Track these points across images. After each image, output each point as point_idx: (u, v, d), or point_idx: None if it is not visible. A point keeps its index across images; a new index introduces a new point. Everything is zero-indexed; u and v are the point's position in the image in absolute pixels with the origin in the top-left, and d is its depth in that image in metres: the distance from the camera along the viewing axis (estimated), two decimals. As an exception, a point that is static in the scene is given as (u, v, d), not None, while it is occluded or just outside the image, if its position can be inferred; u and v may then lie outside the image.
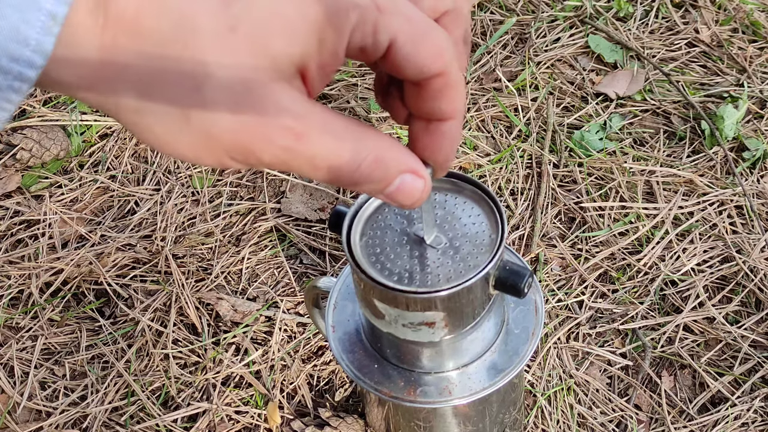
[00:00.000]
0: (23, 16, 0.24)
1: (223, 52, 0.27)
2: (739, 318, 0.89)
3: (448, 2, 0.33)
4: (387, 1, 0.29)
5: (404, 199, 0.33)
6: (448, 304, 0.49)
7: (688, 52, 1.19)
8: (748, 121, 1.08)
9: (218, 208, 1.04)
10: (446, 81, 0.31)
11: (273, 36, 0.27)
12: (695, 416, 0.82)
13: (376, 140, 0.31)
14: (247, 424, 0.84)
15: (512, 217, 0.99)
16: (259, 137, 0.28)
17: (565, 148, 1.06)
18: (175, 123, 0.28)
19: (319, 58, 0.28)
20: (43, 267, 0.99)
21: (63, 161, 1.13)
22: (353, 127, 0.30)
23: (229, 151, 0.29)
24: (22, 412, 0.87)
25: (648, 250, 0.95)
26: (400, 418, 0.68)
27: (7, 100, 0.25)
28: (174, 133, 0.28)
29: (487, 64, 1.20)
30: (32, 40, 0.24)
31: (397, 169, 0.32)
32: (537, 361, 0.86)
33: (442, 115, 0.33)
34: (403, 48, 0.29)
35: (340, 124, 0.30)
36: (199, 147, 0.28)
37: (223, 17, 0.27)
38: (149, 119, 0.28)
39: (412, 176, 0.32)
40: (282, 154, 0.29)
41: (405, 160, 0.32)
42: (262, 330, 0.90)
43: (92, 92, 0.27)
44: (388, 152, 0.31)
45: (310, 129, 0.29)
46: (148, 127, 0.28)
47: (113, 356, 0.90)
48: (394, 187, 0.32)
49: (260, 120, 0.28)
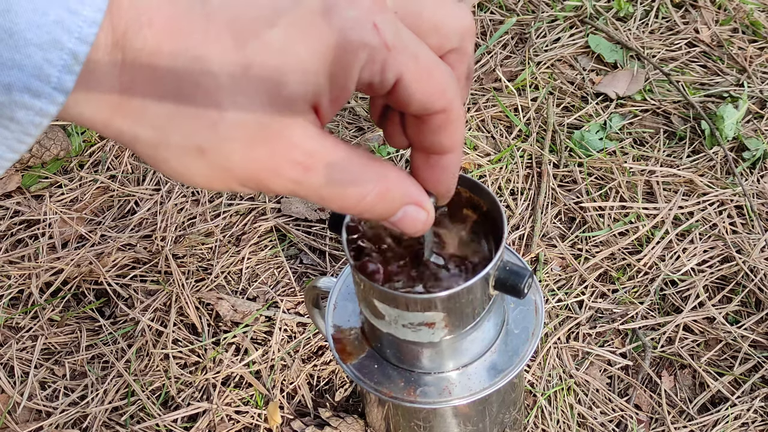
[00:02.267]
0: (46, 55, 0.25)
1: (238, 92, 0.28)
2: (739, 318, 0.89)
3: (455, 41, 0.34)
4: (395, 38, 0.29)
5: (407, 229, 0.34)
6: (447, 304, 0.49)
7: (688, 52, 1.19)
8: (748, 121, 1.08)
9: (218, 208, 1.04)
10: (448, 117, 0.32)
11: (286, 76, 0.28)
12: (695, 416, 0.82)
13: (382, 172, 0.32)
14: (247, 424, 0.84)
15: (512, 217, 0.99)
16: (271, 170, 0.29)
17: (565, 148, 1.06)
18: (190, 157, 0.29)
19: (330, 95, 0.30)
20: (43, 267, 0.99)
21: (63, 161, 1.13)
22: (361, 159, 0.31)
23: (241, 182, 0.30)
24: (22, 412, 0.87)
25: (648, 250, 0.94)
26: (400, 418, 0.68)
27: (27, 134, 0.26)
28: (189, 165, 0.29)
29: (487, 64, 1.20)
30: (54, 78, 0.25)
31: (401, 201, 0.33)
32: (537, 361, 0.86)
33: (442, 149, 0.34)
34: (409, 86, 0.31)
35: (348, 157, 0.31)
36: (213, 177, 0.30)
37: (237, 58, 0.28)
38: (165, 153, 0.29)
39: (416, 208, 0.34)
40: (291, 186, 0.30)
41: (409, 192, 0.34)
42: (262, 330, 0.90)
43: (110, 127, 0.28)
44: (393, 185, 0.33)
45: (319, 163, 0.30)
46: (163, 159, 0.29)
47: (113, 356, 0.90)
48: (397, 218, 0.34)
49: (272, 155, 0.29)
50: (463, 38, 0.34)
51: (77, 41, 0.25)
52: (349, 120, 1.14)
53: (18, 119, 0.26)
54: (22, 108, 0.26)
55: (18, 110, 0.26)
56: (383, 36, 0.29)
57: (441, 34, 0.33)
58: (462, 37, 0.34)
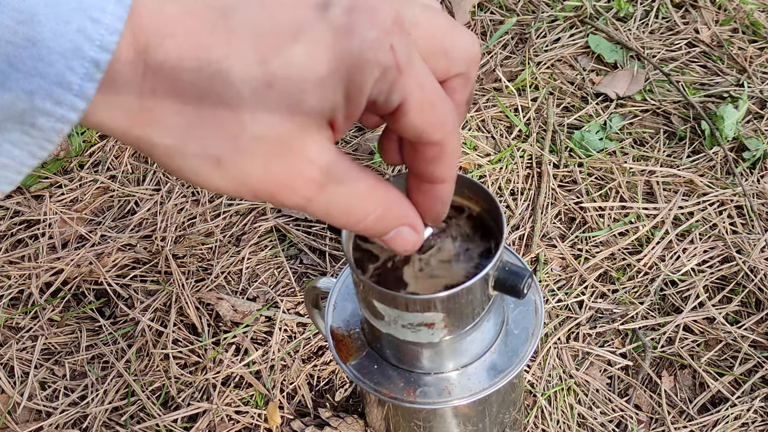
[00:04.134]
0: (68, 63, 0.25)
1: (260, 106, 0.28)
2: (739, 318, 0.89)
3: (462, 66, 0.35)
4: (406, 61, 0.30)
5: (398, 248, 0.36)
6: (447, 305, 0.49)
7: (688, 52, 1.19)
8: (748, 121, 1.08)
9: (218, 208, 1.04)
10: (443, 150, 0.34)
11: (307, 92, 0.29)
12: (695, 416, 0.82)
13: (386, 195, 0.34)
14: (247, 424, 0.84)
15: (512, 217, 0.99)
16: (285, 186, 0.30)
17: (565, 148, 1.06)
18: (207, 167, 0.29)
19: (345, 111, 0.30)
20: (43, 267, 0.99)
21: (63, 161, 1.13)
22: (369, 181, 0.33)
23: (254, 194, 0.31)
24: (22, 412, 0.87)
25: (648, 250, 0.94)
26: (400, 419, 0.68)
27: (49, 141, 0.27)
28: (204, 175, 0.30)
29: (487, 64, 1.20)
30: (75, 85, 0.26)
31: (397, 222, 0.35)
32: (537, 361, 0.86)
33: (433, 179, 0.36)
34: (410, 112, 0.31)
35: (358, 179, 0.32)
36: (227, 187, 0.30)
37: (259, 73, 0.28)
38: (181, 162, 0.29)
39: (409, 230, 0.36)
40: (301, 202, 0.31)
41: (406, 214, 0.36)
42: (262, 330, 0.90)
43: (128, 134, 0.29)
44: (393, 207, 0.35)
45: (330, 182, 0.31)
46: (179, 167, 0.30)
47: (113, 356, 0.90)
48: (390, 237, 0.36)
49: (289, 171, 0.30)
50: (469, 65, 0.35)
51: (99, 49, 0.25)
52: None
53: (40, 126, 0.26)
54: (43, 115, 0.26)
55: (40, 117, 0.26)
56: (397, 58, 0.29)
57: (450, 58, 0.34)
58: (469, 63, 0.35)
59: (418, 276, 0.50)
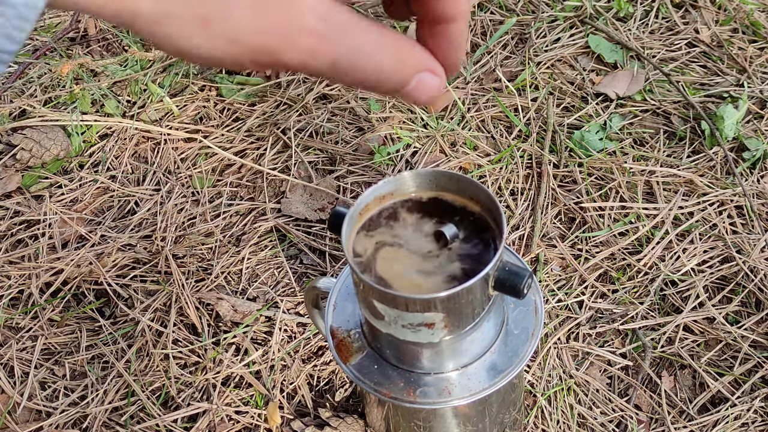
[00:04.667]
0: None
1: None
2: (739, 318, 0.89)
3: None
4: None
5: (422, 96, 0.33)
6: (447, 305, 0.49)
7: (688, 52, 1.19)
8: (748, 121, 1.08)
9: (218, 208, 1.04)
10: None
11: None
12: (695, 416, 0.82)
13: (396, 42, 0.31)
14: (247, 424, 0.84)
15: (512, 217, 0.99)
16: (283, 39, 0.28)
17: (565, 148, 1.06)
18: (194, 29, 0.27)
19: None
20: (43, 267, 0.99)
21: (63, 161, 1.13)
22: (375, 28, 0.30)
23: (251, 53, 0.28)
24: (22, 412, 0.87)
25: (648, 250, 0.94)
26: (400, 419, 0.68)
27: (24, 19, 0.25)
28: (193, 39, 0.28)
29: (487, 64, 1.20)
30: None
31: (416, 68, 0.32)
32: (537, 361, 0.86)
33: (445, 18, 0.33)
34: None
35: (363, 27, 0.30)
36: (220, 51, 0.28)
37: None
38: (167, 28, 0.27)
39: (430, 74, 0.33)
40: (305, 57, 0.29)
41: (422, 60, 0.33)
42: (262, 330, 0.90)
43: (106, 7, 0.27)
44: (408, 52, 0.32)
45: (334, 31, 0.29)
46: (165, 35, 0.28)
47: (113, 356, 0.90)
48: (412, 87, 0.33)
49: (284, 21, 0.28)
50: None
51: None
52: (349, 120, 1.14)
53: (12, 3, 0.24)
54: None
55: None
56: None
57: None
58: None
59: (419, 275, 0.50)
